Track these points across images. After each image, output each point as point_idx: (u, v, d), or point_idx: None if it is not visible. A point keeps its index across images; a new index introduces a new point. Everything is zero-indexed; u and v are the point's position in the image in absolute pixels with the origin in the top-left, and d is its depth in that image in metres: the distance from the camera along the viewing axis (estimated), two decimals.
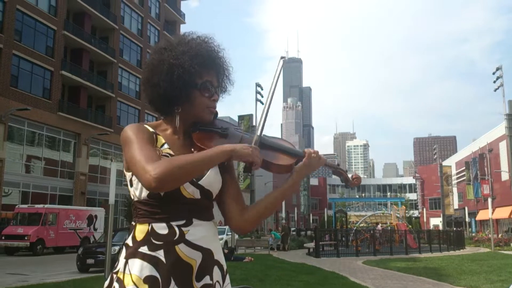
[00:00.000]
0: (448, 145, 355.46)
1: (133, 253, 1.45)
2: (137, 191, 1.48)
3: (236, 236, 23.84)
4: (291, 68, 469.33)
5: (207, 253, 1.48)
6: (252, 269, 12.70)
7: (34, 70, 31.04)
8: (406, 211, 50.79)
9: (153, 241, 1.43)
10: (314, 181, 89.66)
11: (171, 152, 1.51)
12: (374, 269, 14.06)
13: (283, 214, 37.57)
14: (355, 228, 29.70)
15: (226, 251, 17.23)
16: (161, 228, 1.44)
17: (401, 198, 67.02)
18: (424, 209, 63.38)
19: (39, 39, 31.64)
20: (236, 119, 48.30)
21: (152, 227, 1.44)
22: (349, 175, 1.70)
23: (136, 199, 1.50)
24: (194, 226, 1.47)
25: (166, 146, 1.54)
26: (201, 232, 1.48)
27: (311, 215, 68.58)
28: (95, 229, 26.14)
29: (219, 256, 1.54)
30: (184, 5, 57.61)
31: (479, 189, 54.99)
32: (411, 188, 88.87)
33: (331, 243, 22.70)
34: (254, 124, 43.57)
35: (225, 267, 1.57)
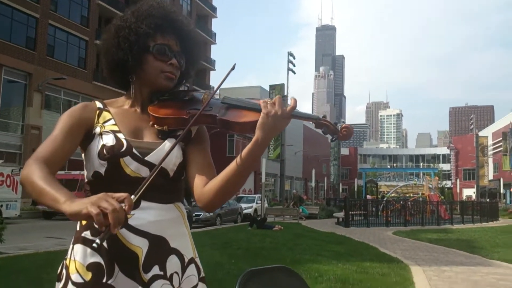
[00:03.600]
0: (486, 114, 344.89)
1: (77, 238, 1.36)
2: (85, 171, 1.40)
3: (266, 205, 24.07)
4: (325, 36, 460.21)
5: (157, 241, 1.33)
6: (282, 238, 12.83)
7: (69, 40, 31.53)
8: (439, 182, 50.03)
9: (95, 225, 1.29)
10: (344, 151, 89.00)
11: (116, 128, 1.39)
12: (404, 240, 13.98)
13: (313, 184, 37.60)
14: (385, 198, 29.50)
15: (259, 218, 17.41)
16: None
17: (434, 169, 66.03)
18: (458, 180, 62.31)
19: (74, 9, 32.00)
20: (268, 88, 48.06)
21: None
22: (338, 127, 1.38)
23: (86, 180, 1.41)
24: (142, 209, 1.32)
25: (111, 122, 1.41)
26: (151, 216, 1.33)
27: (341, 184, 68.45)
28: None
29: (179, 244, 1.38)
30: None
31: None
32: (445, 158, 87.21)
33: (361, 213, 22.64)
34: (286, 93, 43.26)
35: (187, 257, 1.40)
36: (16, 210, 19.90)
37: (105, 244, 1.27)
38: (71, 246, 1.37)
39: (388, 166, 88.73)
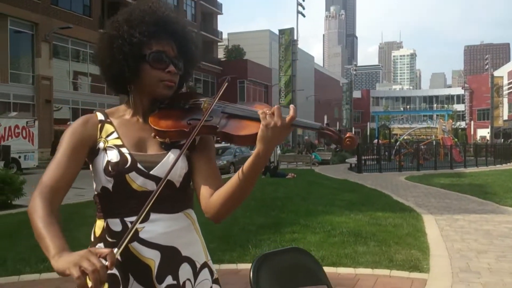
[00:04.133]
0: (501, 53, 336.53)
1: None
2: (94, 183, 1.41)
3: (278, 151, 24.14)
4: None
5: (168, 252, 1.35)
6: (295, 187, 12.97)
7: None
8: (453, 123, 49.59)
9: (108, 238, 1.35)
10: (357, 94, 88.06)
11: (119, 142, 1.38)
12: (417, 185, 14.04)
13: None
14: (398, 142, 29.41)
15: (272, 166, 17.43)
16: (115, 225, 1.34)
17: (448, 110, 65.29)
18: (472, 121, 61.77)
19: None
20: (277, 33, 46.98)
21: (107, 223, 1.36)
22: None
23: (95, 192, 1.41)
24: (152, 222, 1.33)
25: (114, 135, 1.40)
26: (161, 228, 1.34)
27: (353, 128, 68.26)
28: None
29: (191, 251, 1.40)
30: None
31: None
32: (459, 99, 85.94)
33: (373, 157, 22.67)
34: (295, 38, 42.31)
35: (200, 262, 1.42)
36: (34, 161, 20.31)
37: (118, 257, 1.25)
38: None
39: (401, 108, 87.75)
